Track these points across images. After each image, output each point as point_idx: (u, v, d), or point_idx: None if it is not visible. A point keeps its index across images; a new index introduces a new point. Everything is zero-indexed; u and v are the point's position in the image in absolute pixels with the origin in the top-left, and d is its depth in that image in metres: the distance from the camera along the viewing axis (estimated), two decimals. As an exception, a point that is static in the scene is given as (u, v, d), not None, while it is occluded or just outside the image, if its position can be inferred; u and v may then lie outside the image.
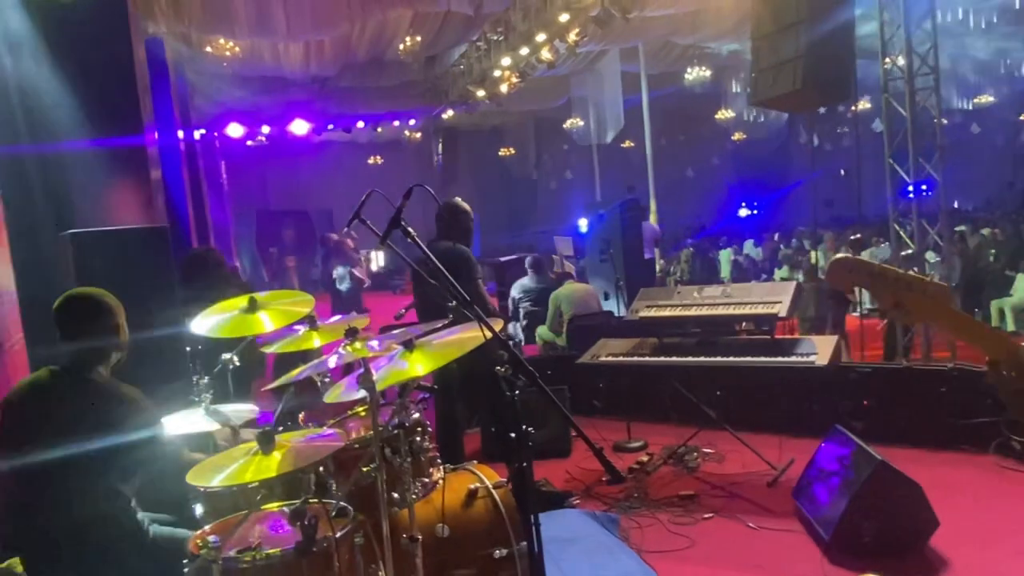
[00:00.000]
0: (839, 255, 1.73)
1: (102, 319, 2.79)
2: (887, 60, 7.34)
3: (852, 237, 10.81)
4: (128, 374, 2.88)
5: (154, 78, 7.55)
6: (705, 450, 5.45)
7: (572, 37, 10.65)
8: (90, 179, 5.13)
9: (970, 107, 19.82)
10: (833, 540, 3.85)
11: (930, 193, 7.64)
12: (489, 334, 2.38)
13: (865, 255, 10.12)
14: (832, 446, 4.30)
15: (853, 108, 12.73)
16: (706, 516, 4.49)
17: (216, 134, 15.88)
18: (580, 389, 6.37)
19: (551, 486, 4.91)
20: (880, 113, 8.01)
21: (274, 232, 20.58)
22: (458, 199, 4.95)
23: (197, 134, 13.14)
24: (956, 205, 18.64)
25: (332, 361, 2.65)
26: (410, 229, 2.45)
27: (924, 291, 1.64)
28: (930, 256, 7.80)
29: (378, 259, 20.92)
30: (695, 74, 16.23)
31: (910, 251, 7.38)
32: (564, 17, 10.30)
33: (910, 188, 7.43)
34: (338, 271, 10.64)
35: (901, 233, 7.57)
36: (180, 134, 9.53)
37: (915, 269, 7.29)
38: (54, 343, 2.85)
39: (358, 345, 2.43)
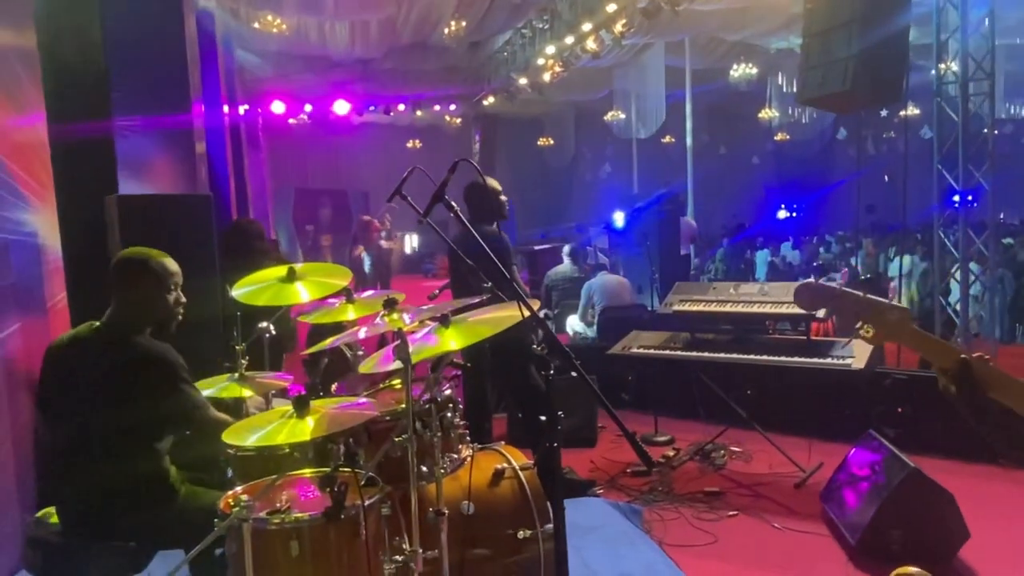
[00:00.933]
0: (804, 280, 1.81)
1: (137, 282, 2.77)
2: (942, 65, 7.18)
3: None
4: (166, 338, 2.91)
5: (203, 51, 7.64)
6: (733, 448, 5.41)
7: (619, 28, 10.56)
8: (137, 148, 5.22)
9: (1021, 116, 19.34)
10: (860, 545, 3.80)
11: (975, 203, 7.48)
12: (527, 314, 2.37)
13: (906, 261, 9.94)
14: (864, 451, 4.24)
15: (902, 113, 12.49)
16: (731, 513, 4.45)
17: (259, 110, 16.05)
18: (609, 380, 6.35)
19: (575, 474, 4.91)
20: (928, 119, 7.86)
21: (311, 210, 20.75)
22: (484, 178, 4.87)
23: (241, 109, 13.29)
24: (1002, 217, 18.22)
25: (363, 332, 2.68)
26: (454, 204, 2.44)
27: (883, 313, 1.68)
28: (973, 267, 7.63)
29: (412, 241, 21.03)
30: (740, 71, 16.02)
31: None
32: (612, 7, 10.23)
33: (955, 197, 7.28)
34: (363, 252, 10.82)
35: (946, 242, 7.42)
36: (225, 108, 9.64)
37: (959, 275, 7.14)
38: (95, 302, 2.89)
39: (395, 316, 2.44)
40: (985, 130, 7.27)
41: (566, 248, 9.03)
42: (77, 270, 4.12)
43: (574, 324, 8.12)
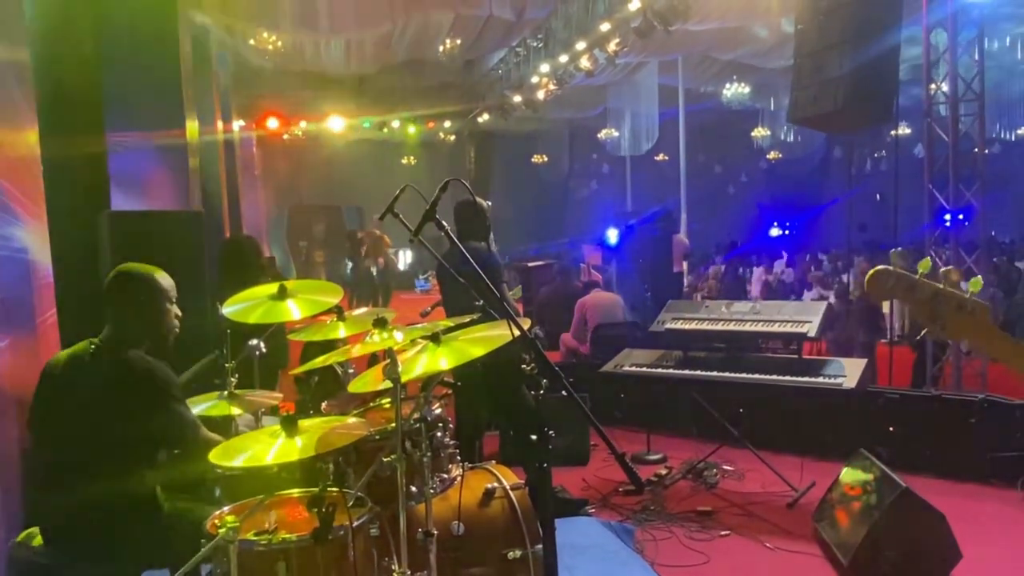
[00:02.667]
0: (879, 267, 1.70)
1: (145, 299, 2.77)
2: (932, 85, 7.24)
3: (896, 250, 10.69)
4: (163, 354, 2.89)
5: (197, 67, 7.66)
6: (725, 467, 5.39)
7: (612, 47, 10.65)
8: (130, 164, 5.22)
9: (1012, 137, 19.48)
10: (851, 566, 3.78)
11: (967, 222, 7.52)
12: (517, 333, 2.36)
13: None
14: (855, 470, 4.23)
15: (893, 132, 12.60)
16: (723, 533, 4.43)
17: (254, 126, 16.08)
18: (601, 398, 6.31)
19: (567, 493, 4.88)
20: (920, 138, 7.91)
21: (305, 226, 20.72)
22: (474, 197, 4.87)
23: (236, 125, 13.31)
24: (993, 235, 18.33)
25: (356, 350, 2.66)
26: (444, 223, 2.44)
27: (962, 307, 1.60)
28: (964, 286, 7.67)
29: (405, 258, 21.01)
30: (733, 90, 16.15)
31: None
32: (605, 26, 10.32)
33: (947, 216, 7.31)
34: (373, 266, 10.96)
35: (937, 261, 7.46)
36: (219, 124, 9.66)
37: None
38: (85, 319, 2.87)
39: (386, 335, 2.43)
40: (975, 150, 7.32)
41: (556, 265, 9.03)
42: (68, 286, 4.10)
43: (567, 341, 8.11)
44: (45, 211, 3.98)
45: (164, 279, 2.83)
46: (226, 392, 3.18)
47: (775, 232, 23.27)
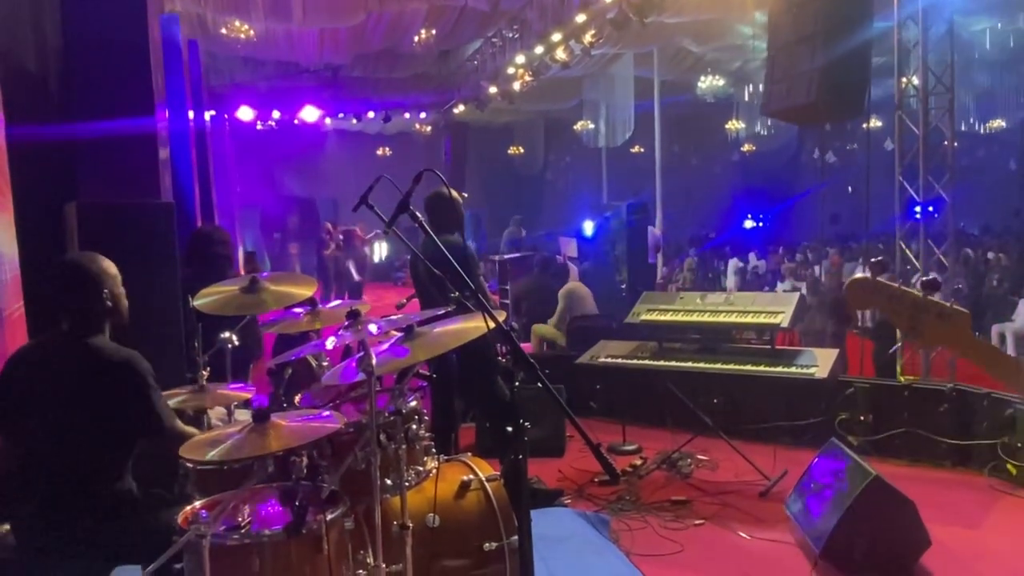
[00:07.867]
0: (858, 275, 1.69)
1: (91, 286, 2.73)
2: (903, 79, 7.31)
3: (873, 260, 10.77)
4: (126, 340, 2.85)
5: (168, 55, 7.53)
6: (699, 457, 5.44)
7: (588, 38, 10.64)
8: (99, 154, 5.12)
9: (982, 131, 19.77)
10: (824, 553, 3.83)
11: (936, 214, 7.62)
12: (492, 325, 2.35)
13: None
14: (827, 459, 4.28)
15: (865, 125, 12.73)
16: (697, 523, 4.47)
17: (226, 116, 15.87)
18: (577, 390, 6.35)
19: (543, 484, 4.90)
20: (891, 131, 7.99)
21: (279, 217, 20.53)
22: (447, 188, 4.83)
23: (208, 115, 13.13)
24: (962, 226, 18.60)
25: (331, 343, 2.65)
26: (418, 214, 2.42)
27: (941, 315, 1.61)
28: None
29: (381, 250, 20.90)
30: (708, 83, 16.22)
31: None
32: (581, 17, 10.30)
33: (917, 208, 7.41)
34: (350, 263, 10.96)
35: (907, 252, 7.55)
36: (191, 114, 9.51)
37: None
38: (53, 311, 2.83)
39: (360, 327, 2.41)
40: (945, 143, 7.41)
41: (535, 257, 9.04)
42: (35, 279, 4.02)
43: (545, 331, 8.12)
44: (11, 202, 3.90)
45: (100, 263, 2.81)
46: (198, 385, 3.15)
47: (749, 224, 23.43)
